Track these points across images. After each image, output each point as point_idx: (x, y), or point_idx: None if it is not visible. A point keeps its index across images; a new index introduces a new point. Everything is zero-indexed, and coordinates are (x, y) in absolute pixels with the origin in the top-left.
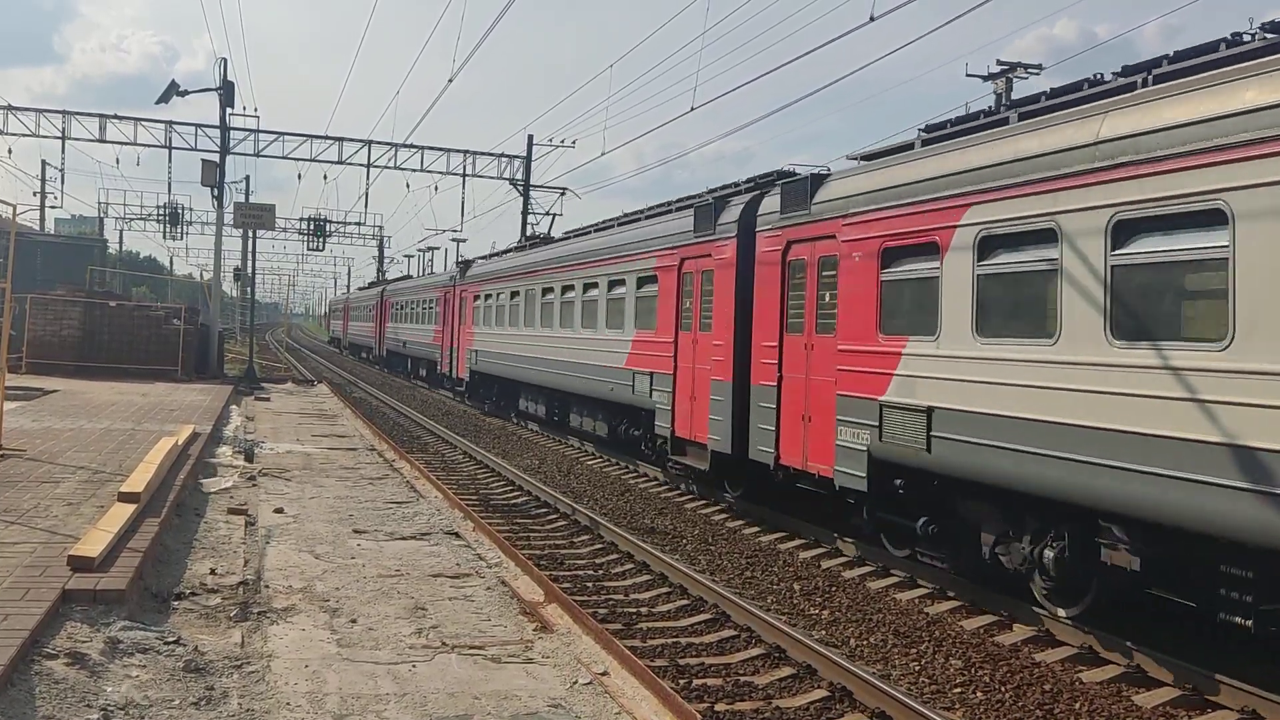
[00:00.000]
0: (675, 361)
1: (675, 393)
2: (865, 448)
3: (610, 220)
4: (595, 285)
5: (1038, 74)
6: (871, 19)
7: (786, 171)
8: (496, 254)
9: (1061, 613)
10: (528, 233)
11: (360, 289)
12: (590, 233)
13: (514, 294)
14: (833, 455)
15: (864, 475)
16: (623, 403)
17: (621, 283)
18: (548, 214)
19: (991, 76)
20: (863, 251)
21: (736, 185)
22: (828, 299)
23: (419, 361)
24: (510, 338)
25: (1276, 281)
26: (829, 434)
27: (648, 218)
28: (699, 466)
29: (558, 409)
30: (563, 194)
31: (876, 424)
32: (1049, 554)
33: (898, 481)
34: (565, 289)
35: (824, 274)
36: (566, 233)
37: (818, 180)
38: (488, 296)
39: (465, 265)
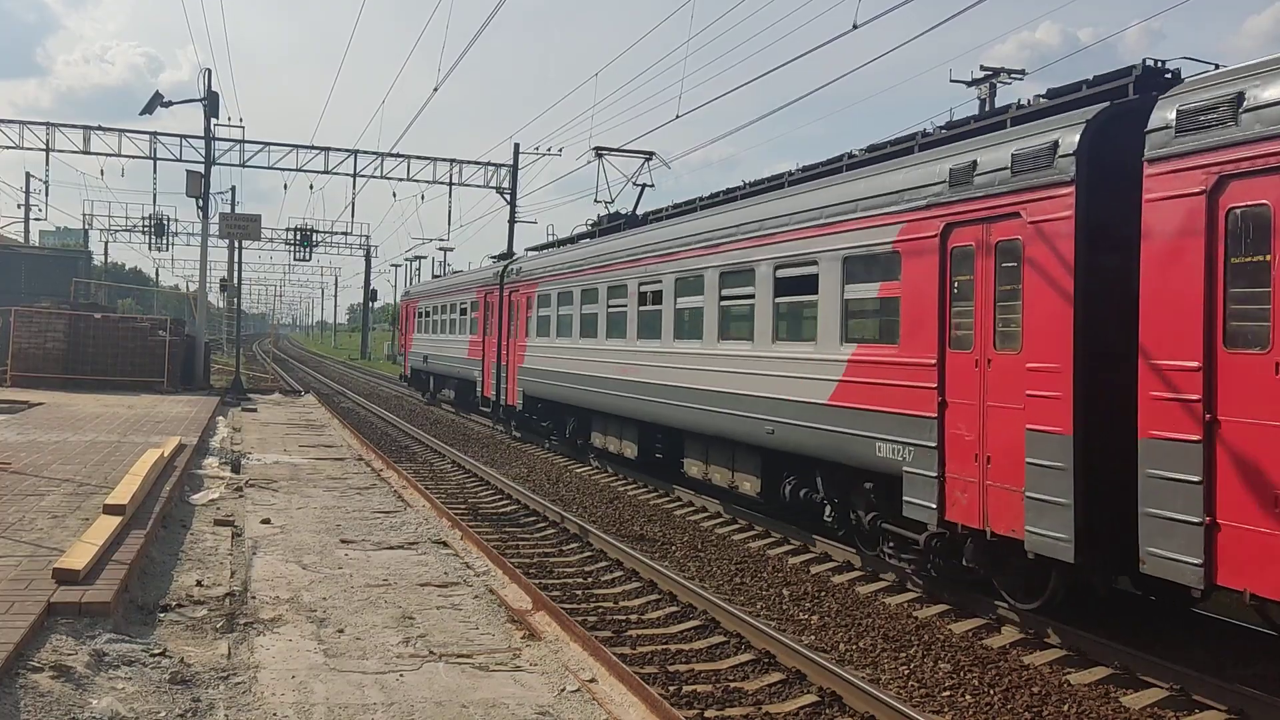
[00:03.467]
0: (943, 395)
1: (945, 448)
2: None
3: (721, 193)
4: (745, 275)
5: (1021, 79)
6: (854, 26)
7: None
8: (560, 242)
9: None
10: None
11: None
12: (696, 211)
13: (590, 293)
14: None
15: None
16: (816, 455)
17: (812, 267)
18: (634, 183)
19: (975, 82)
20: None
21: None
22: None
23: (444, 380)
24: (585, 352)
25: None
26: None
27: (807, 179)
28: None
29: (660, 445)
30: (648, 160)
31: None
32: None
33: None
34: (684, 283)
35: None
36: (649, 213)
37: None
38: (552, 298)
39: (509, 258)
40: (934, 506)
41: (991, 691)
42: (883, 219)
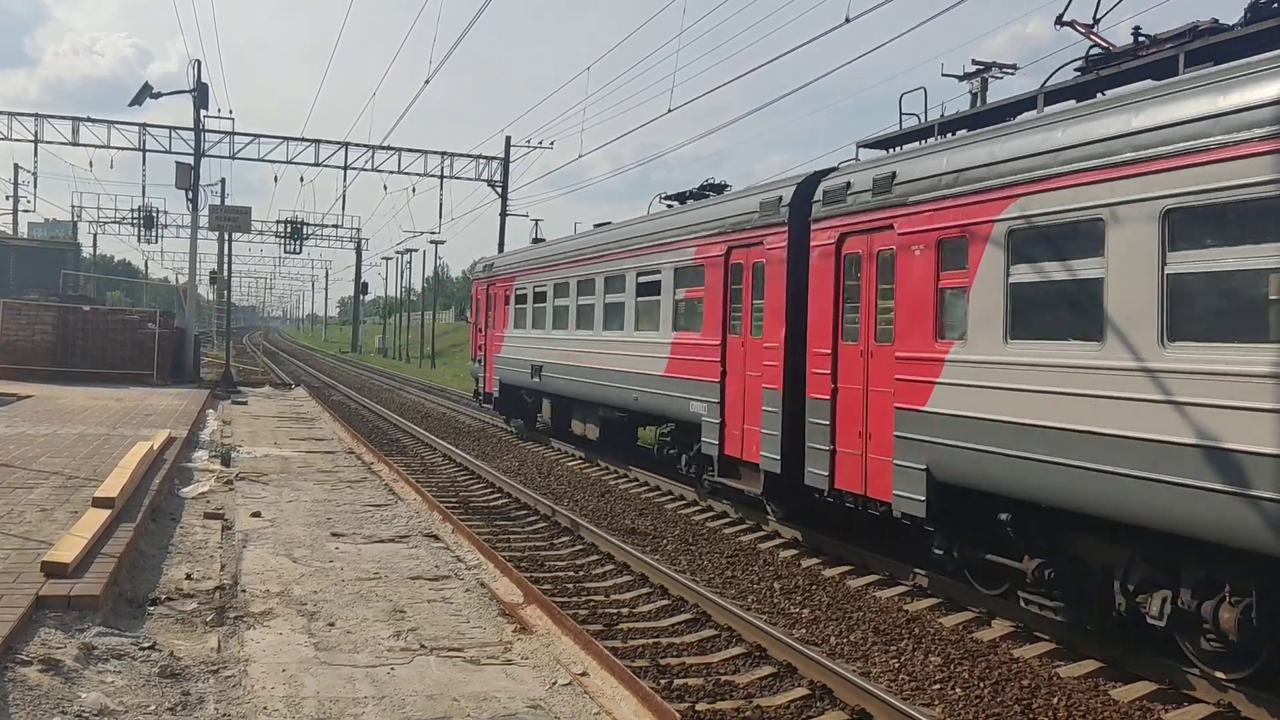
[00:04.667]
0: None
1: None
2: None
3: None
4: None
5: (1013, 74)
6: (847, 20)
7: None
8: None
9: None
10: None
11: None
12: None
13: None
14: None
15: None
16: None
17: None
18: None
19: (967, 76)
20: None
21: None
22: None
23: (582, 410)
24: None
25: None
26: None
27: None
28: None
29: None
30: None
31: None
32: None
33: None
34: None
35: None
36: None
37: None
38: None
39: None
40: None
41: (981, 684)
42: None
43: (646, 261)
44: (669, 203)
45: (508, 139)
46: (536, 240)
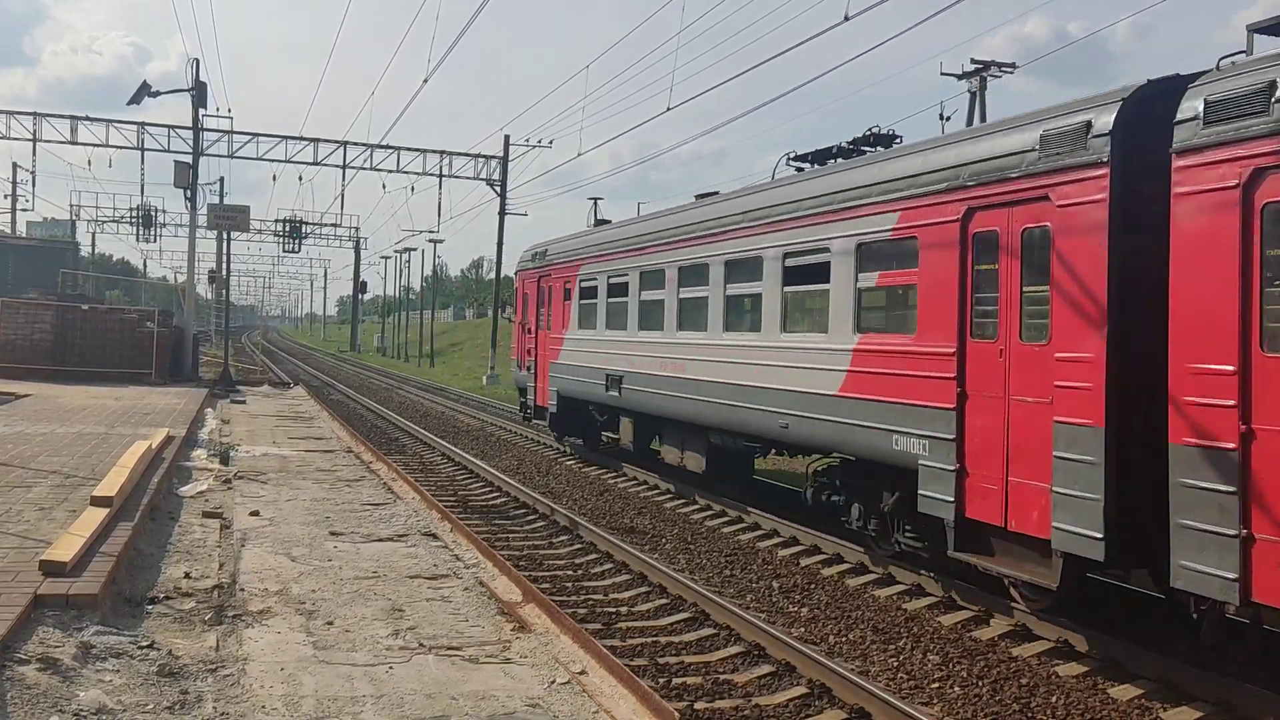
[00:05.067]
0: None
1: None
2: None
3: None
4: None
5: (1011, 73)
6: (846, 18)
7: None
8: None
9: None
10: None
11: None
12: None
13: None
14: None
15: None
16: None
17: None
18: None
19: (965, 75)
20: None
21: None
22: None
23: (672, 432)
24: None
25: None
26: None
27: None
28: None
29: None
30: None
31: None
32: None
33: None
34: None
35: None
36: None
37: None
38: None
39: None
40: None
41: (980, 683)
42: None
43: (802, 237)
44: (796, 166)
45: (506, 138)
46: (600, 222)
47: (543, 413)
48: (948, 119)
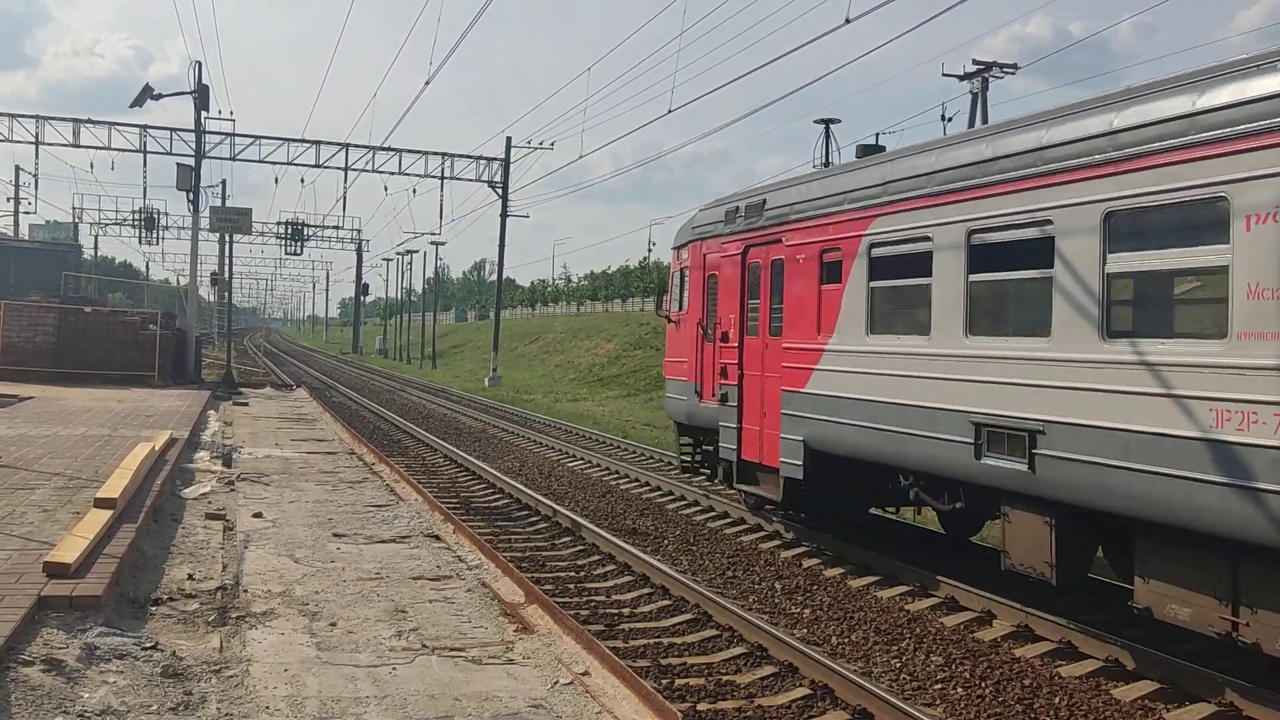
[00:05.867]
0: None
1: None
2: None
3: None
4: None
5: (1013, 73)
6: (847, 20)
7: None
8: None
9: None
10: None
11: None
12: None
13: None
14: None
15: None
16: None
17: None
18: None
19: (967, 76)
20: None
21: None
22: None
23: None
24: None
25: None
26: None
27: None
28: None
29: None
30: None
31: None
32: None
33: None
34: None
35: None
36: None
37: None
38: None
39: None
40: None
41: (983, 684)
42: None
43: None
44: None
45: (508, 139)
46: (868, 150)
47: (753, 473)
48: (949, 120)
